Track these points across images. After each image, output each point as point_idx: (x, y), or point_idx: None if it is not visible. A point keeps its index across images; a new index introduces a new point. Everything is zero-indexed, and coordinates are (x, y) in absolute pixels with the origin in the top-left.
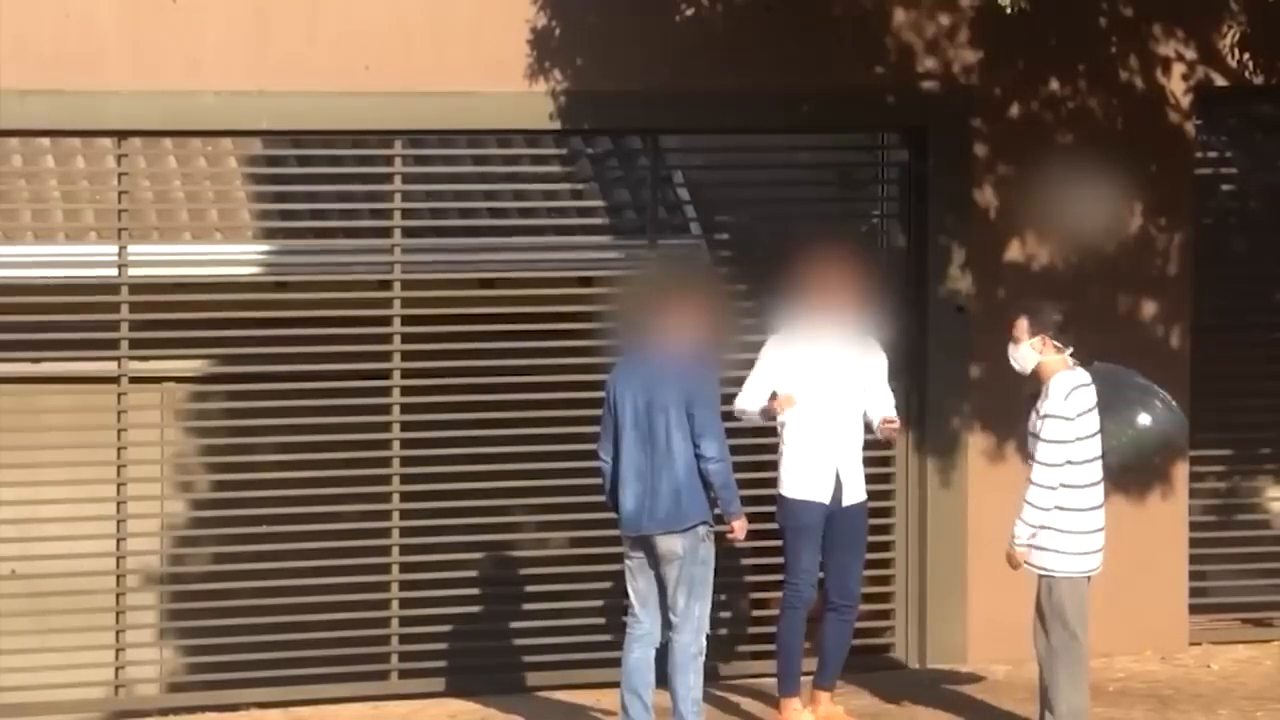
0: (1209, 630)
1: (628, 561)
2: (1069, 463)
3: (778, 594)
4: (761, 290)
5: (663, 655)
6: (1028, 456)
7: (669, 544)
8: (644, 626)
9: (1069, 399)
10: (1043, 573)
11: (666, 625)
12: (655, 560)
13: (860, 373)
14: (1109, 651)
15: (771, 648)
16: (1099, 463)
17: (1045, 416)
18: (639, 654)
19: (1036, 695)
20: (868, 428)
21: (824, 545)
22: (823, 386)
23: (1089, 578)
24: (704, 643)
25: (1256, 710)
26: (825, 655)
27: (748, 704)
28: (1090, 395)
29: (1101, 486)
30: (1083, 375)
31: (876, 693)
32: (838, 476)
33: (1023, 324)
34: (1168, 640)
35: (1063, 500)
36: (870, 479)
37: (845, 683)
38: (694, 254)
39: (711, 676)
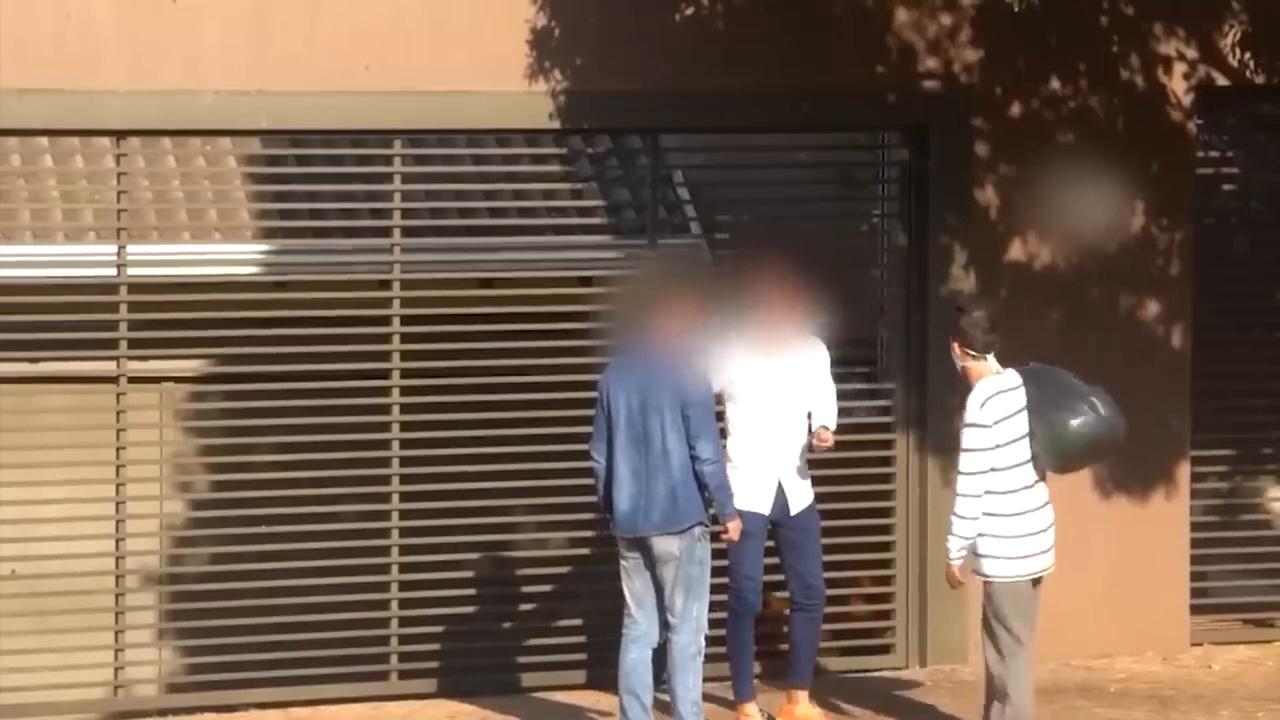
0: (1210, 631)
1: (623, 562)
2: (993, 469)
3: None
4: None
5: (660, 655)
6: None
7: (665, 545)
8: (640, 627)
9: (985, 407)
10: (981, 578)
11: (664, 626)
12: (651, 561)
13: (803, 376)
14: (1110, 652)
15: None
16: (1028, 466)
17: (964, 426)
18: (636, 654)
19: (981, 698)
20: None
21: (780, 554)
22: (764, 396)
23: (1033, 581)
24: (703, 643)
25: (1258, 711)
26: (796, 654)
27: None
28: (1013, 400)
29: (1039, 489)
30: (1007, 380)
31: (875, 693)
32: (780, 487)
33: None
34: (1169, 641)
35: (991, 506)
36: (870, 479)
37: (844, 683)
38: (691, 254)
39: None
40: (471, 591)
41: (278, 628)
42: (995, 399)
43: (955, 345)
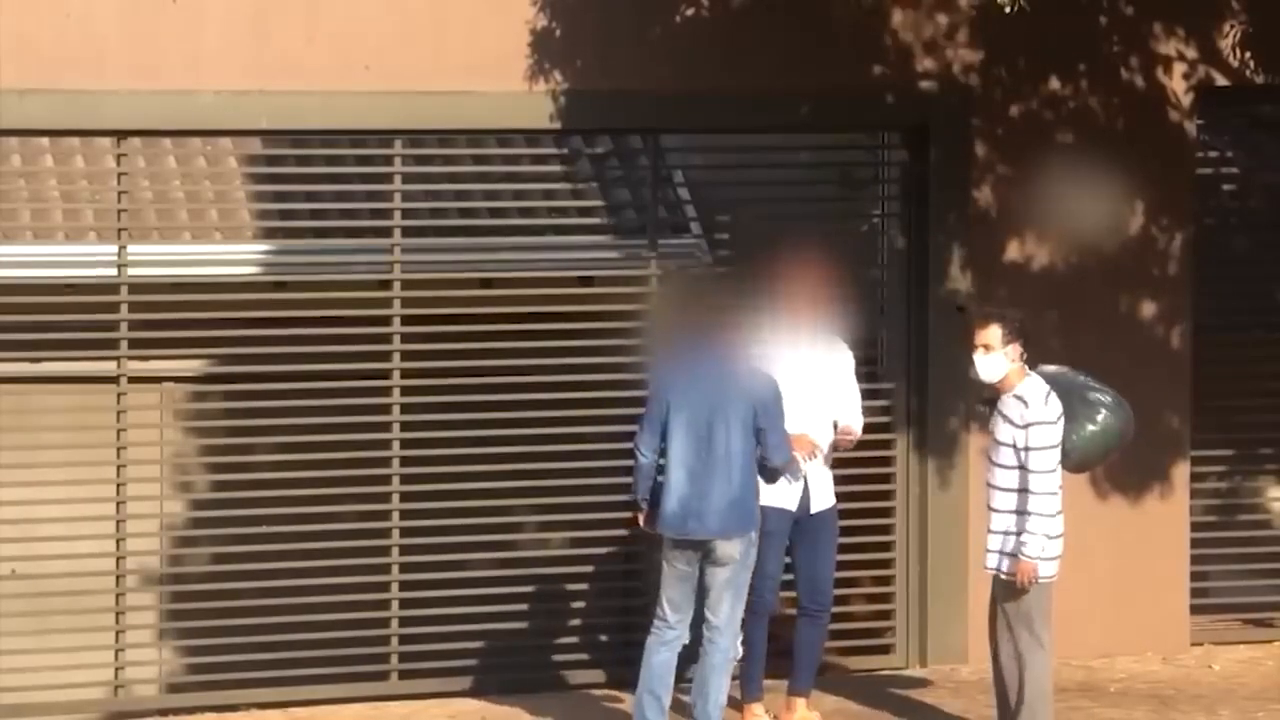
0: (1210, 630)
1: (666, 567)
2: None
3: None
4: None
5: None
6: (991, 464)
7: (728, 550)
8: (674, 631)
9: (1049, 403)
10: (1008, 577)
11: (694, 627)
12: (703, 565)
13: (828, 376)
14: (1110, 652)
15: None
16: (1060, 468)
17: (1030, 425)
18: (666, 657)
19: (994, 699)
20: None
21: (794, 551)
22: (792, 394)
23: (1053, 582)
24: (740, 647)
25: (1258, 710)
26: (798, 660)
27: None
28: (1058, 399)
29: (1062, 492)
30: (1044, 381)
31: (875, 693)
32: (805, 483)
33: (995, 332)
34: (1169, 641)
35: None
36: (870, 479)
37: (844, 683)
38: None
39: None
40: (472, 591)
41: (278, 628)
42: (1052, 395)
43: (1012, 348)
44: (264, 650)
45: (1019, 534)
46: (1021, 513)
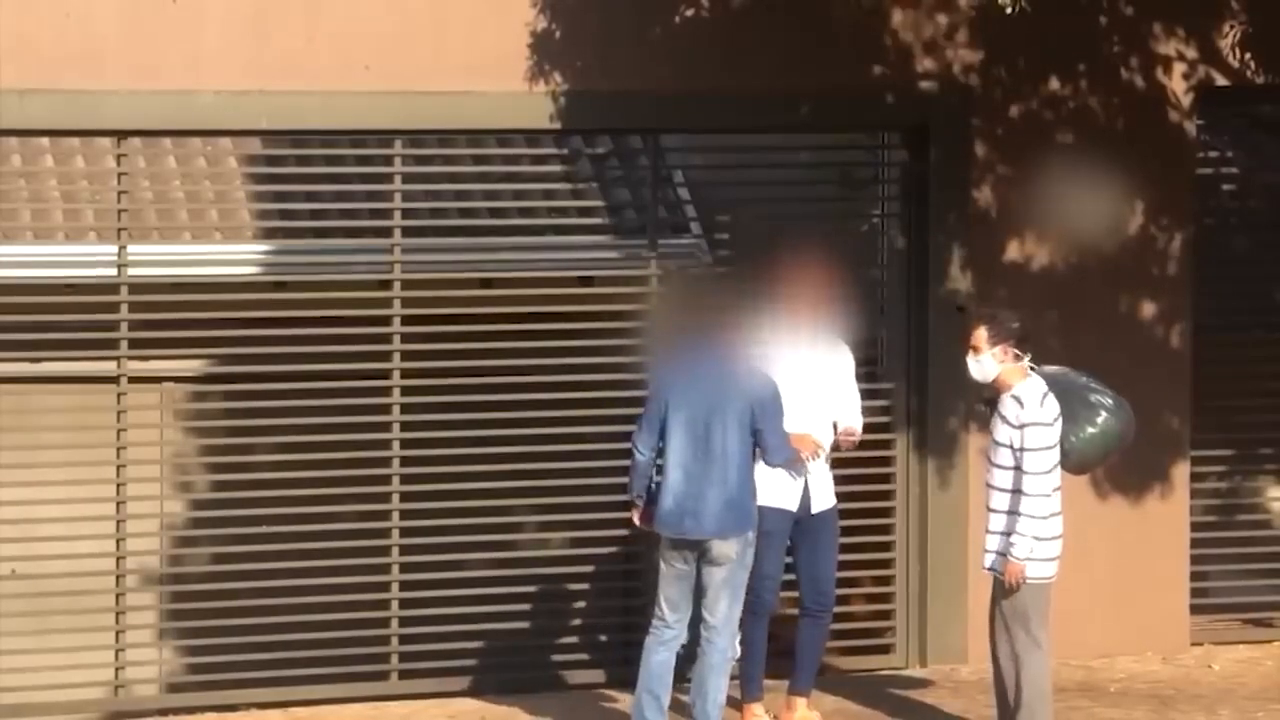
0: (1210, 630)
1: (664, 567)
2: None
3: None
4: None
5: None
6: (990, 464)
7: (724, 549)
8: (672, 631)
9: (1044, 404)
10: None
11: (699, 626)
12: (700, 565)
13: (828, 377)
14: (1110, 652)
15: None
16: (1059, 469)
17: (1025, 426)
18: (665, 657)
19: (993, 699)
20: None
21: (795, 551)
22: (792, 394)
23: (1050, 583)
24: (738, 647)
25: (1258, 710)
26: (800, 660)
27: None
28: (1055, 400)
29: (1060, 493)
30: (1043, 381)
31: (875, 693)
32: (806, 483)
33: (982, 333)
34: (1169, 640)
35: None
36: (870, 479)
37: (844, 683)
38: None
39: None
40: (472, 591)
41: (278, 628)
42: (1049, 396)
43: (1000, 349)
44: (264, 650)
45: (1010, 535)
46: (1016, 513)
